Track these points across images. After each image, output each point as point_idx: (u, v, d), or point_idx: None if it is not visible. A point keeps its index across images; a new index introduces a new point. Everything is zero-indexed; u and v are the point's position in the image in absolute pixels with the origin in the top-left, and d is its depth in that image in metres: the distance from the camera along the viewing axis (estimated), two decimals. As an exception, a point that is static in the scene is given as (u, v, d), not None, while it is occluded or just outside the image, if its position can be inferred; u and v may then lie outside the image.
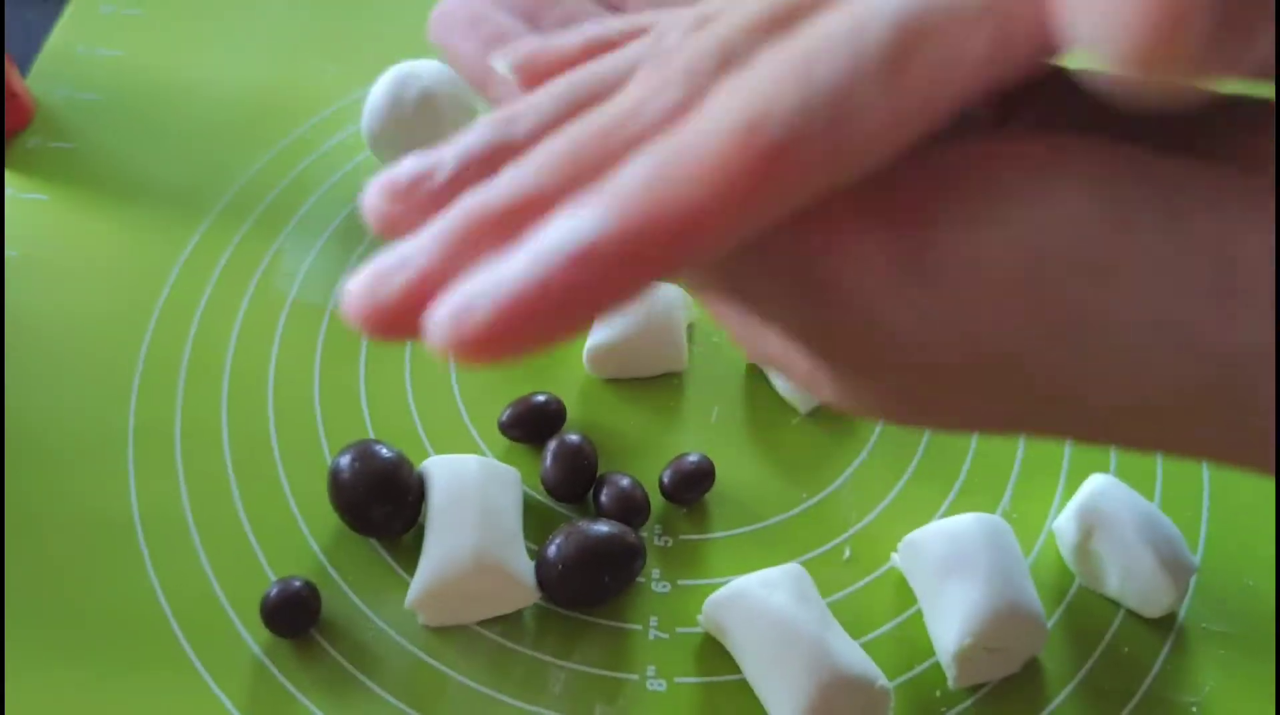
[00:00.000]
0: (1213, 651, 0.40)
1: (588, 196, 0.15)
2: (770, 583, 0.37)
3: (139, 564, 0.40)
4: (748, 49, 0.16)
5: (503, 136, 0.19)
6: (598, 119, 0.17)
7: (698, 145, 0.15)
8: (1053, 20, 0.14)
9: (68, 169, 0.52)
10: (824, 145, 0.14)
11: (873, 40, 0.14)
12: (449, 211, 0.16)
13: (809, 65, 0.15)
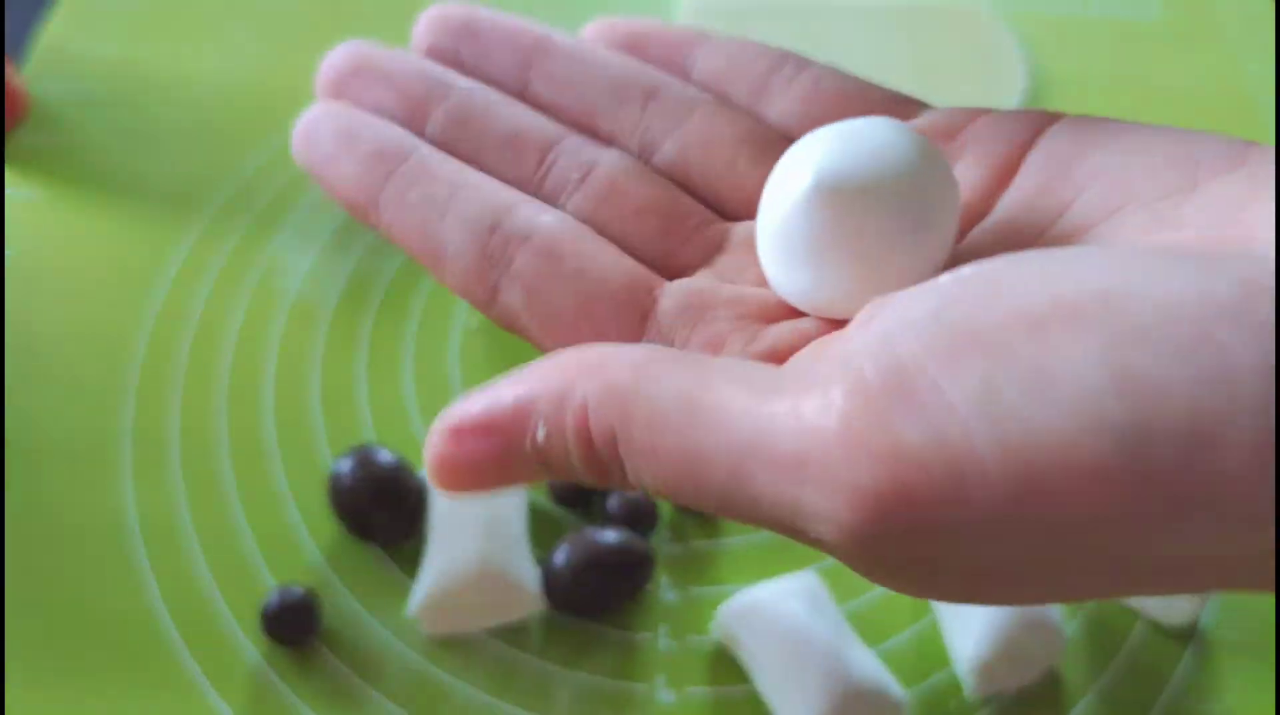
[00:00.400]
0: (1234, 662, 0.39)
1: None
2: (784, 591, 0.37)
3: (136, 571, 0.39)
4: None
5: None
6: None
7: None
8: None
9: (62, 166, 0.51)
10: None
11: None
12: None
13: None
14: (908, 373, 0.16)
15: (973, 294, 0.16)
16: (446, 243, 0.21)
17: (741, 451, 0.16)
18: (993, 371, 0.15)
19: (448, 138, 0.24)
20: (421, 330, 0.46)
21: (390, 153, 0.22)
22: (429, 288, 0.48)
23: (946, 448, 0.15)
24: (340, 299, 0.47)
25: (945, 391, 0.15)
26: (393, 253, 0.49)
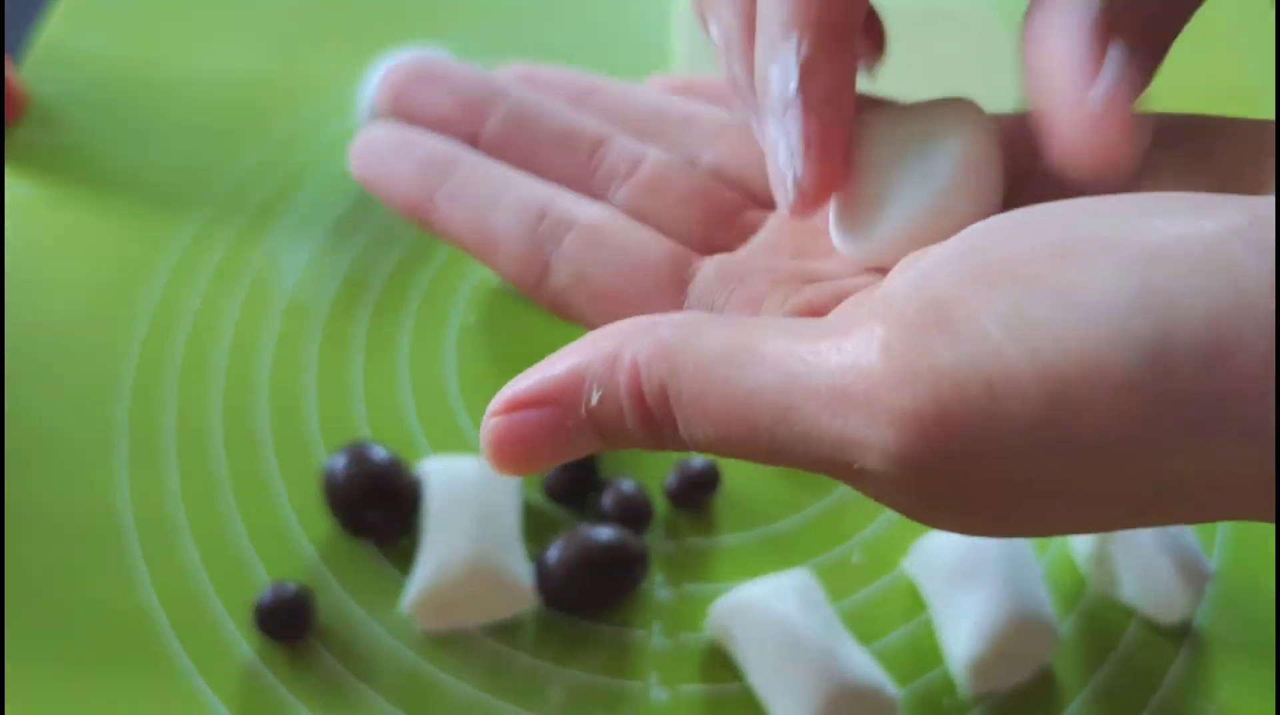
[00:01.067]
0: (1229, 660, 0.39)
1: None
2: (777, 589, 0.37)
3: (130, 567, 0.39)
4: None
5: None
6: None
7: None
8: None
9: (59, 162, 0.51)
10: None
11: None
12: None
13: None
14: (943, 303, 0.16)
15: (1000, 233, 0.17)
16: (499, 232, 0.23)
17: (787, 390, 0.17)
18: (1022, 295, 0.16)
19: (505, 135, 0.25)
20: (417, 327, 0.46)
21: (444, 158, 0.24)
22: (425, 285, 0.48)
23: (981, 367, 0.16)
24: (335, 296, 0.47)
25: (979, 317, 0.16)
26: (389, 250, 0.49)
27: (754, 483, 0.42)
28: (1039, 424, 0.16)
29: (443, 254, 0.49)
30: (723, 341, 0.18)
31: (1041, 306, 0.16)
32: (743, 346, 0.18)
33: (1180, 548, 0.38)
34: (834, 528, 0.41)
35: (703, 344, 0.18)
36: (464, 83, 0.26)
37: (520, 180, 0.24)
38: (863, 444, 0.17)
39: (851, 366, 0.17)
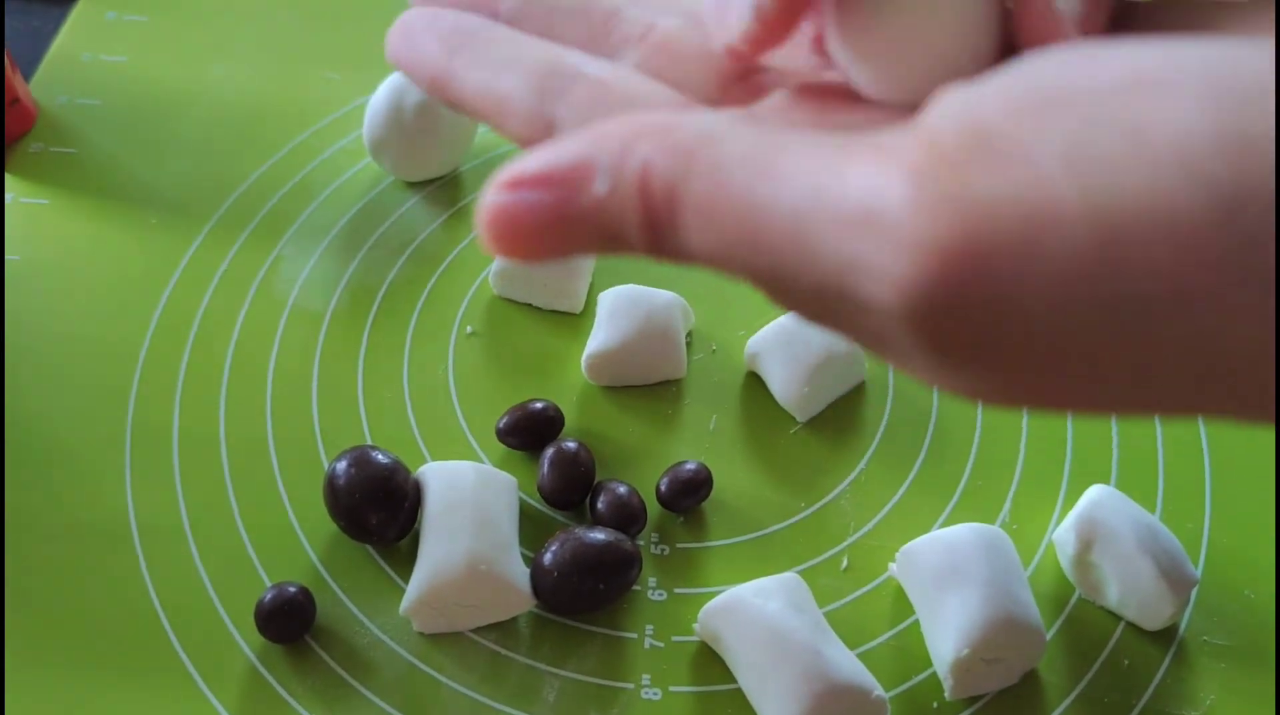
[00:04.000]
0: (1213, 665, 0.39)
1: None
2: (766, 592, 0.37)
3: (134, 568, 0.40)
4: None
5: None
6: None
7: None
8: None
9: (69, 174, 0.52)
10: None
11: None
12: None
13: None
14: (987, 129, 0.15)
15: (1058, 63, 0.15)
16: (507, 91, 0.22)
17: (805, 207, 0.16)
18: (1082, 127, 0.14)
19: (521, 10, 0.24)
20: (418, 336, 0.47)
21: (463, 29, 0.23)
22: (426, 295, 0.48)
23: (1024, 196, 0.14)
24: (339, 306, 0.48)
25: (1027, 145, 0.14)
26: (391, 261, 0.50)
27: (744, 488, 0.43)
28: (1083, 270, 0.14)
29: (443, 266, 0.50)
30: (744, 148, 0.17)
31: (1103, 140, 0.14)
32: (765, 157, 0.16)
33: (1165, 555, 0.39)
34: (822, 532, 0.42)
35: (723, 148, 0.17)
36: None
37: (534, 43, 0.23)
38: (874, 271, 0.15)
39: (876, 189, 0.15)
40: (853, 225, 0.15)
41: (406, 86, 0.50)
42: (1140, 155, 0.14)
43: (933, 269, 0.14)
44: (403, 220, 0.51)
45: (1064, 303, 0.14)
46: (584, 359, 0.45)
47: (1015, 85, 0.15)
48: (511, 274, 0.47)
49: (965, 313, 0.15)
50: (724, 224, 0.17)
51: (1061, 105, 0.14)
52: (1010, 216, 0.14)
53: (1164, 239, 0.13)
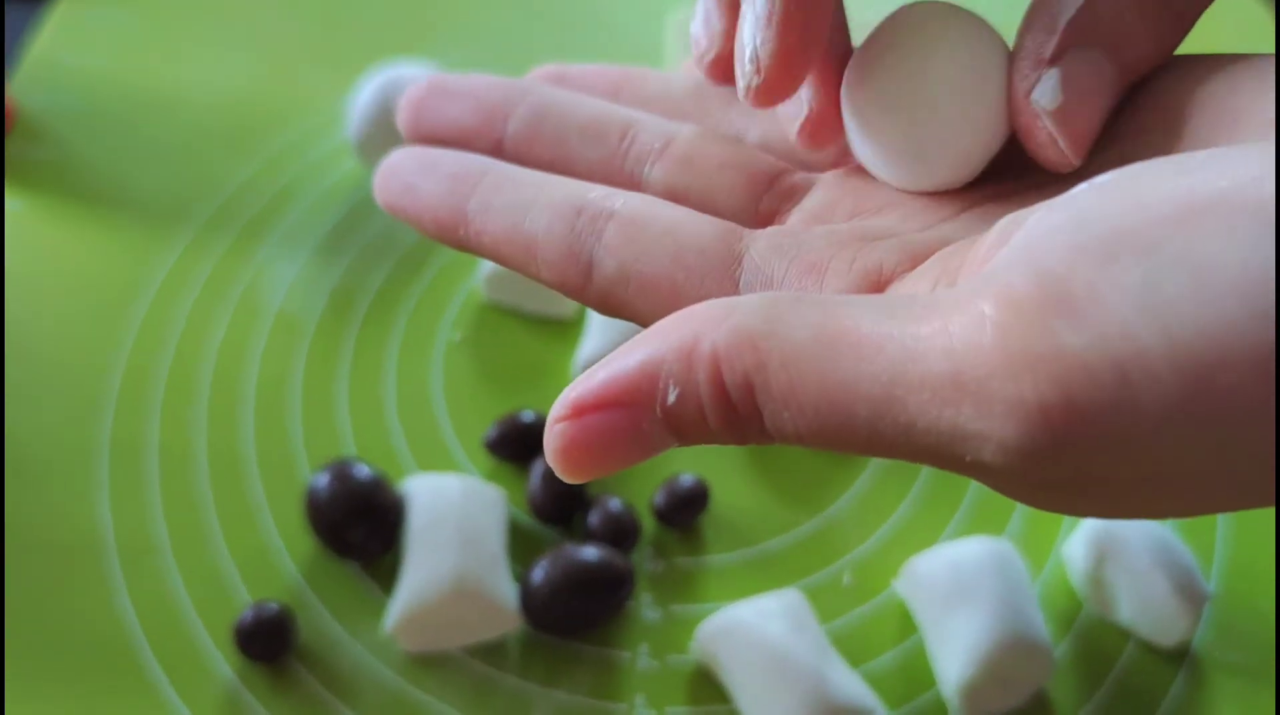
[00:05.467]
0: (1228, 683, 0.38)
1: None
2: (765, 610, 0.36)
3: (110, 585, 0.39)
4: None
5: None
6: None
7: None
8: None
9: (48, 177, 0.51)
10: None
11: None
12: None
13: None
14: (1059, 278, 0.15)
15: (1114, 198, 0.16)
16: (536, 235, 0.22)
17: (889, 378, 0.16)
18: (1149, 268, 0.15)
19: (530, 133, 0.24)
20: (404, 344, 0.46)
21: (471, 170, 0.23)
22: (412, 302, 0.47)
23: (1111, 350, 0.15)
24: (323, 313, 0.47)
25: (1103, 293, 0.15)
26: (376, 267, 0.48)
27: (743, 501, 0.42)
28: (1176, 411, 0.14)
29: (430, 271, 0.48)
30: (812, 326, 0.17)
31: (1172, 281, 0.14)
32: (835, 331, 0.16)
33: (1178, 569, 0.38)
34: (824, 547, 0.41)
35: (790, 330, 0.17)
36: (483, 89, 0.25)
37: (552, 180, 0.23)
38: (978, 436, 0.15)
39: (962, 352, 0.15)
40: (944, 391, 0.15)
41: (392, 84, 0.49)
42: (1208, 292, 0.14)
43: (1036, 430, 0.15)
44: (389, 224, 0.50)
45: (1161, 440, 0.15)
46: (576, 367, 0.44)
47: (1074, 225, 0.16)
48: (502, 277, 0.46)
49: (1072, 462, 0.15)
50: (810, 408, 0.16)
51: (1125, 245, 0.15)
52: (1101, 367, 0.15)
53: (1246, 367, 0.14)
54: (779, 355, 0.17)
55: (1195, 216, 0.15)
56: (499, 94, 0.25)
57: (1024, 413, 0.15)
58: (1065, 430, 0.15)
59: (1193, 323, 0.14)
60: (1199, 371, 0.14)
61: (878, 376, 0.16)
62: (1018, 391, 0.15)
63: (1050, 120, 0.20)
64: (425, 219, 0.23)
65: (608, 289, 0.21)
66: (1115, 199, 0.16)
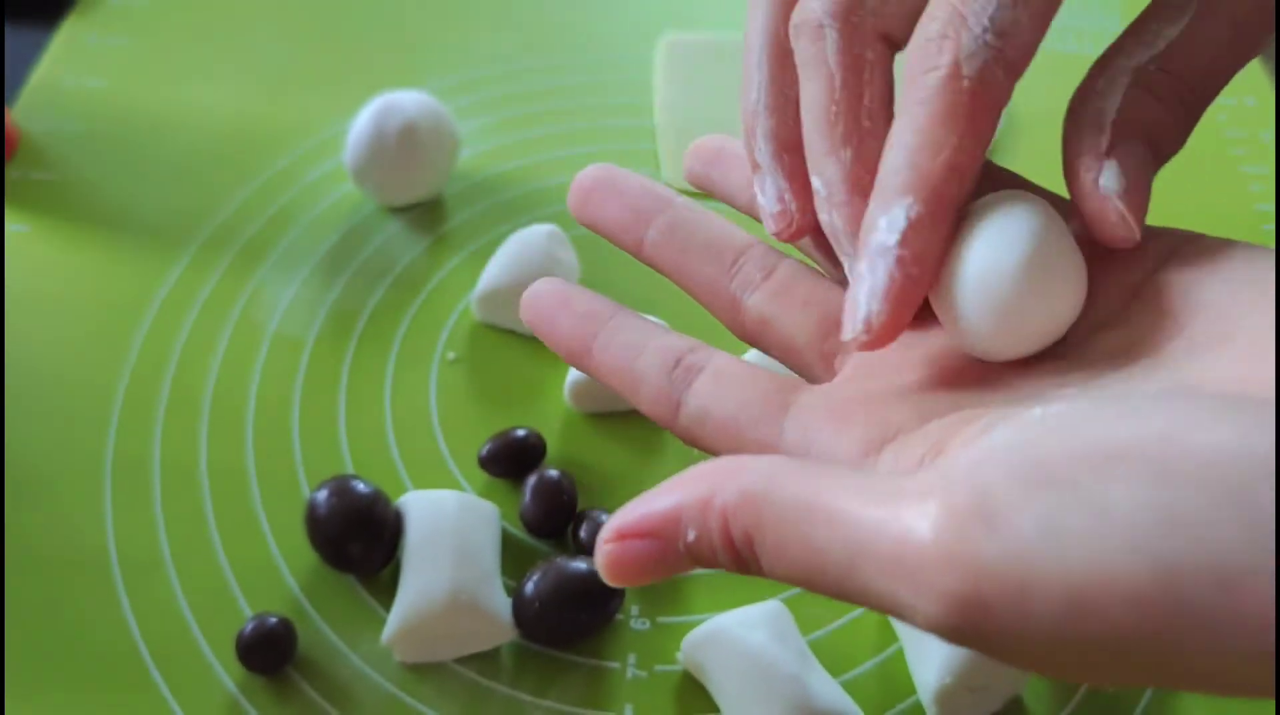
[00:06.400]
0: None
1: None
2: (749, 621, 0.37)
3: (113, 598, 0.39)
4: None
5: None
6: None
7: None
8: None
9: (50, 200, 0.52)
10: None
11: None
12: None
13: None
14: (990, 498, 0.19)
15: (1054, 431, 0.20)
16: (642, 376, 0.28)
17: (852, 551, 0.20)
18: (1059, 504, 0.18)
19: (664, 241, 0.31)
20: (400, 363, 0.47)
21: (599, 313, 0.29)
22: (408, 322, 0.48)
23: (1013, 564, 0.18)
24: (321, 333, 0.48)
25: (1019, 516, 0.18)
26: (373, 287, 0.50)
27: (729, 515, 0.43)
28: (1060, 621, 0.18)
29: (425, 292, 0.50)
30: (800, 497, 0.21)
31: (1075, 518, 0.18)
32: (817, 505, 0.21)
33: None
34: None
35: (782, 498, 0.21)
36: (636, 193, 0.31)
37: (659, 332, 0.29)
38: (912, 609, 0.20)
39: (905, 540, 0.19)
40: (889, 569, 0.20)
41: (389, 110, 0.50)
42: (1101, 532, 0.18)
43: (952, 612, 0.19)
44: (384, 246, 0.51)
45: (1049, 640, 0.18)
46: (567, 385, 0.45)
47: (1018, 448, 0.19)
48: (494, 299, 0.47)
49: (978, 638, 0.19)
50: (793, 564, 0.21)
51: (1047, 479, 0.19)
52: (1008, 579, 0.18)
53: (1118, 602, 0.17)
54: (773, 520, 0.21)
55: (1109, 464, 0.18)
56: (647, 202, 0.31)
57: (945, 599, 0.19)
58: (975, 619, 0.19)
59: (1083, 555, 0.18)
60: (1080, 598, 0.18)
61: (845, 547, 0.20)
62: (943, 583, 0.19)
63: (1119, 201, 0.24)
64: (560, 346, 0.29)
65: (689, 425, 0.27)
66: (1055, 432, 0.19)
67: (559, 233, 0.49)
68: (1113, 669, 0.18)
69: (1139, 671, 0.18)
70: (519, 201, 0.53)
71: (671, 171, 0.55)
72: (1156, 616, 0.17)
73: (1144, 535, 0.17)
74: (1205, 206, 0.54)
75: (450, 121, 0.52)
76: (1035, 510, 0.18)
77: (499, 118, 0.58)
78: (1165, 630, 0.17)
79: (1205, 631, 0.17)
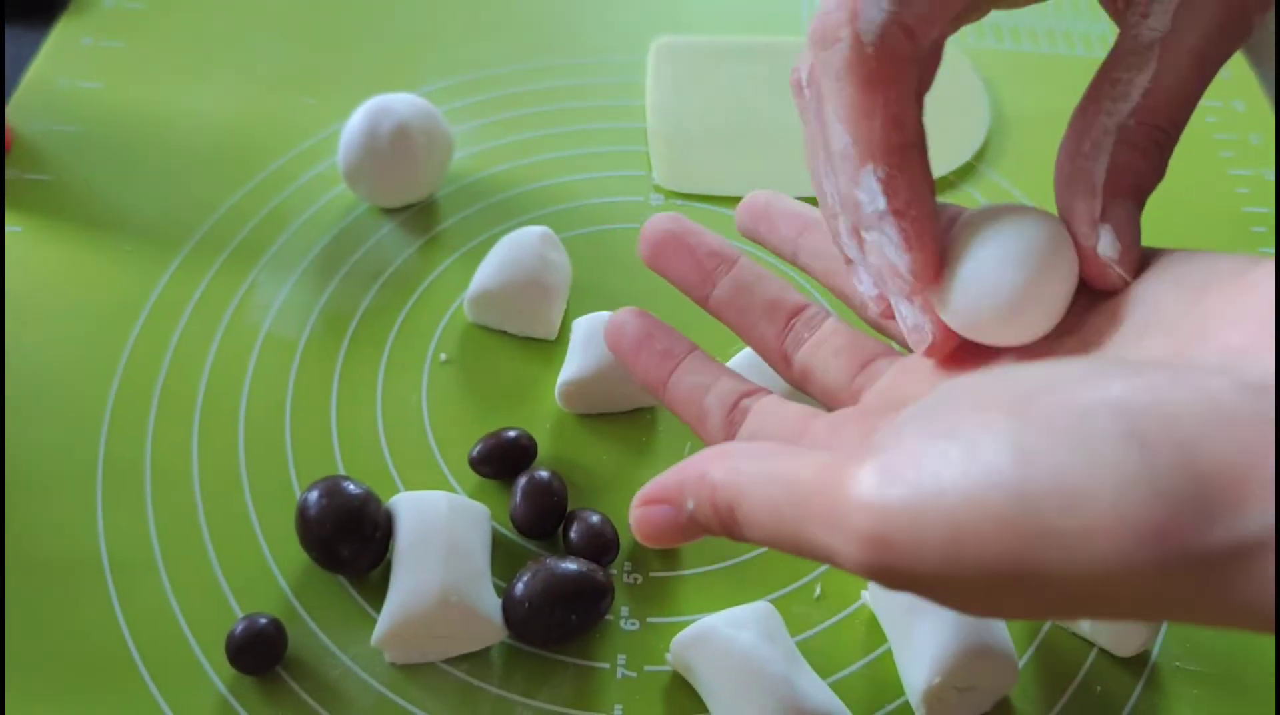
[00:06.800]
0: (1186, 691, 0.39)
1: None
2: (738, 621, 0.37)
3: (104, 598, 0.40)
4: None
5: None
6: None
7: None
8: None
9: (44, 201, 0.52)
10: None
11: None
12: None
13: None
14: (894, 452, 0.22)
15: (955, 392, 0.23)
16: (709, 411, 0.33)
17: (799, 509, 0.24)
18: (943, 450, 0.21)
19: (727, 298, 0.35)
20: (391, 365, 0.47)
21: (674, 352, 0.34)
22: (400, 323, 0.48)
23: (910, 505, 0.21)
24: (313, 333, 0.48)
25: (912, 466, 0.22)
26: (365, 289, 0.50)
27: (719, 516, 0.43)
28: (946, 549, 0.21)
29: (417, 294, 0.50)
30: (766, 469, 0.25)
31: (952, 458, 0.21)
32: (779, 474, 0.25)
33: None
34: (796, 561, 0.42)
35: (754, 471, 0.25)
36: (704, 251, 0.36)
37: (724, 375, 0.34)
38: (839, 553, 0.23)
39: (833, 494, 0.23)
40: (824, 520, 0.23)
41: (381, 113, 0.50)
42: (971, 469, 0.21)
43: (865, 550, 0.22)
44: (377, 247, 0.51)
45: (941, 568, 0.21)
46: (558, 387, 0.45)
47: (918, 419, 0.23)
48: (486, 301, 0.47)
49: (892, 575, 0.22)
50: (762, 524, 0.25)
51: (938, 434, 0.22)
52: (901, 517, 0.22)
53: (989, 528, 0.20)
54: (747, 488, 0.25)
55: (983, 412, 0.21)
56: (714, 262, 0.35)
57: (859, 540, 0.22)
58: (883, 557, 0.22)
59: (958, 489, 0.21)
60: (960, 526, 0.21)
61: (794, 507, 0.24)
62: (857, 526, 0.22)
63: (1117, 266, 0.28)
64: (638, 377, 0.35)
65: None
66: (954, 393, 0.23)
67: (551, 234, 0.49)
68: (997, 596, 0.21)
69: (1021, 598, 0.21)
70: (511, 203, 0.54)
71: (662, 174, 0.55)
72: (1021, 537, 0.20)
73: (1003, 468, 0.20)
74: (1194, 209, 0.55)
75: (443, 124, 0.52)
76: (926, 458, 0.21)
77: (492, 120, 0.58)
78: (1030, 551, 0.20)
79: (1062, 550, 0.20)
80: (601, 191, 0.55)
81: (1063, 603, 0.21)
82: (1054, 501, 0.20)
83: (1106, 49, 0.30)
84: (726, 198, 0.54)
